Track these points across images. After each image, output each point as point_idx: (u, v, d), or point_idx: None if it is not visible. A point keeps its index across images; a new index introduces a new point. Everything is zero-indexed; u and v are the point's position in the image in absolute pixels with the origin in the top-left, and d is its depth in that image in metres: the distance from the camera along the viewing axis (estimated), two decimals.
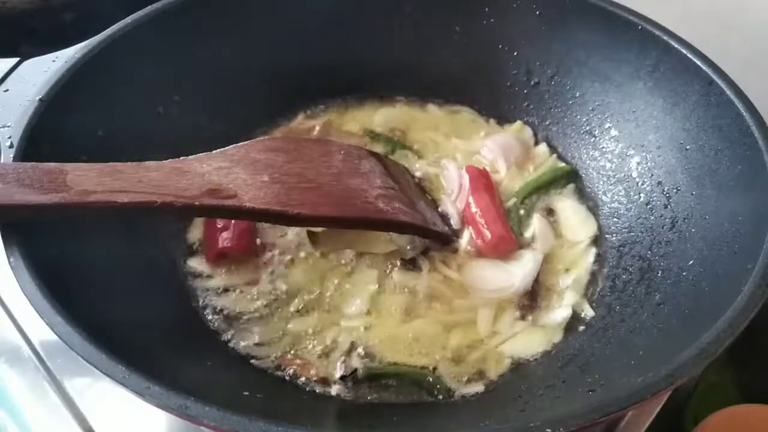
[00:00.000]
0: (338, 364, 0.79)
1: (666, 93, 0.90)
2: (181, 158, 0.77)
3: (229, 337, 0.82)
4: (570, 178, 0.99)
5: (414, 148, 1.04)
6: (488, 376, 0.79)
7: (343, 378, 0.78)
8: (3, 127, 0.80)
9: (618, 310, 0.82)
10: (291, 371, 0.79)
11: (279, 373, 0.79)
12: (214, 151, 0.80)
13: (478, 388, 0.78)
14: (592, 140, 1.00)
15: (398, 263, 0.87)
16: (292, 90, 1.08)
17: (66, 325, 0.60)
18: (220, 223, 0.89)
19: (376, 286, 0.85)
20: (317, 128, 1.06)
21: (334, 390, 0.77)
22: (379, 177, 0.88)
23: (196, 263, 0.89)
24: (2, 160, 0.75)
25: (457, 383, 0.78)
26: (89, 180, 0.68)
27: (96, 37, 0.88)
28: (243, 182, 0.77)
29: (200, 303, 0.85)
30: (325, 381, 0.78)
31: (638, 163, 0.94)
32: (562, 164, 1.02)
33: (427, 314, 0.84)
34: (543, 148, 1.03)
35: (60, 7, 1.24)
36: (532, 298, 0.86)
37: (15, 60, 0.94)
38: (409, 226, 0.85)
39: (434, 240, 0.89)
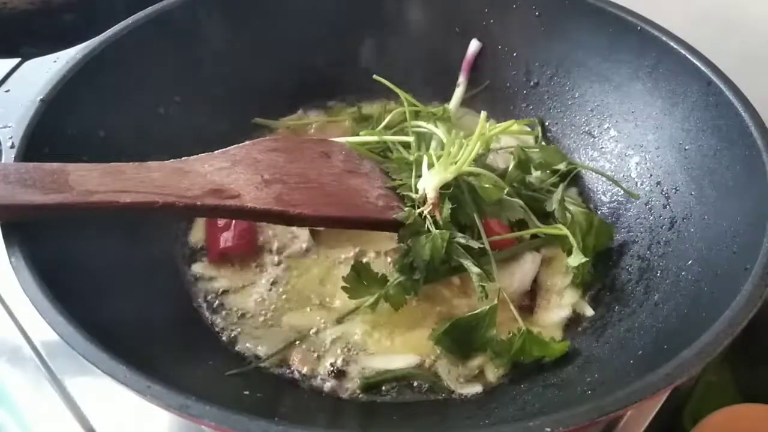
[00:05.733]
0: (336, 367, 0.79)
1: (665, 93, 0.91)
2: (183, 158, 0.78)
3: (230, 336, 0.82)
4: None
5: None
6: (487, 376, 0.79)
7: (339, 379, 0.78)
8: (4, 127, 0.80)
9: (617, 309, 0.82)
10: (291, 371, 0.79)
11: (279, 372, 0.79)
12: (215, 152, 0.81)
13: (477, 388, 0.78)
14: (591, 140, 1.01)
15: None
16: (292, 90, 1.08)
17: (67, 324, 0.60)
18: (221, 223, 0.89)
19: None
20: (314, 127, 1.07)
21: (334, 389, 0.78)
22: (379, 177, 0.88)
23: (198, 264, 0.89)
24: (4, 161, 0.76)
25: (457, 383, 0.78)
26: (91, 180, 0.69)
27: (97, 37, 0.89)
28: (244, 182, 0.77)
29: (201, 302, 0.86)
30: (324, 380, 0.78)
31: (637, 164, 0.94)
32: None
33: (427, 314, 0.84)
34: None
35: (61, 7, 1.25)
36: (531, 298, 0.87)
37: (16, 60, 0.95)
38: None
39: None
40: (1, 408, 0.80)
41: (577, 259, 0.83)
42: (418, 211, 0.80)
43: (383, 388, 0.78)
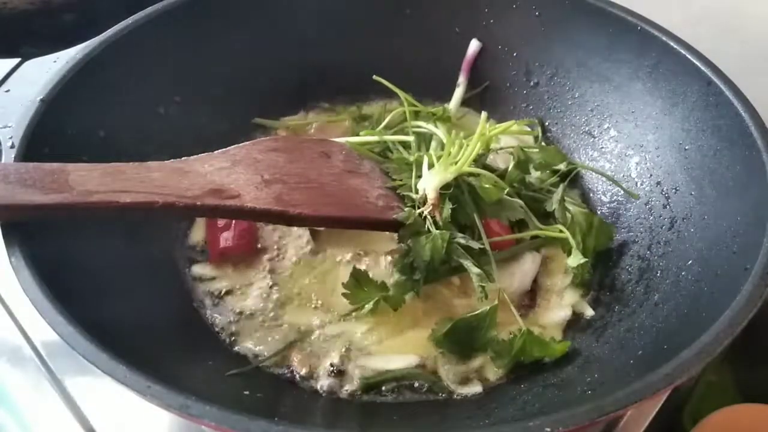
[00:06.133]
0: (336, 367, 0.79)
1: (665, 93, 0.91)
2: (183, 158, 0.78)
3: (230, 336, 0.82)
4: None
5: None
6: (487, 376, 0.79)
7: (339, 379, 0.78)
8: (4, 127, 0.80)
9: (617, 309, 0.82)
10: (291, 371, 0.79)
11: (279, 372, 0.79)
12: (215, 152, 0.81)
13: (477, 388, 0.78)
14: (591, 140, 1.01)
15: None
16: (292, 90, 1.08)
17: (67, 324, 0.60)
18: (221, 223, 0.89)
19: None
20: (314, 127, 1.07)
21: (334, 390, 0.78)
22: (379, 177, 0.88)
23: (199, 264, 0.89)
24: (4, 161, 0.76)
25: (457, 383, 0.78)
26: (91, 180, 0.69)
27: (97, 37, 0.89)
28: (244, 182, 0.77)
29: (201, 302, 0.86)
30: (324, 380, 0.78)
31: (637, 164, 0.94)
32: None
33: (427, 314, 0.84)
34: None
35: (61, 7, 1.25)
36: (531, 298, 0.87)
37: (16, 60, 0.95)
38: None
39: None
40: (1, 408, 0.80)
41: (576, 259, 0.84)
42: (418, 211, 0.80)
43: (383, 388, 0.78)
